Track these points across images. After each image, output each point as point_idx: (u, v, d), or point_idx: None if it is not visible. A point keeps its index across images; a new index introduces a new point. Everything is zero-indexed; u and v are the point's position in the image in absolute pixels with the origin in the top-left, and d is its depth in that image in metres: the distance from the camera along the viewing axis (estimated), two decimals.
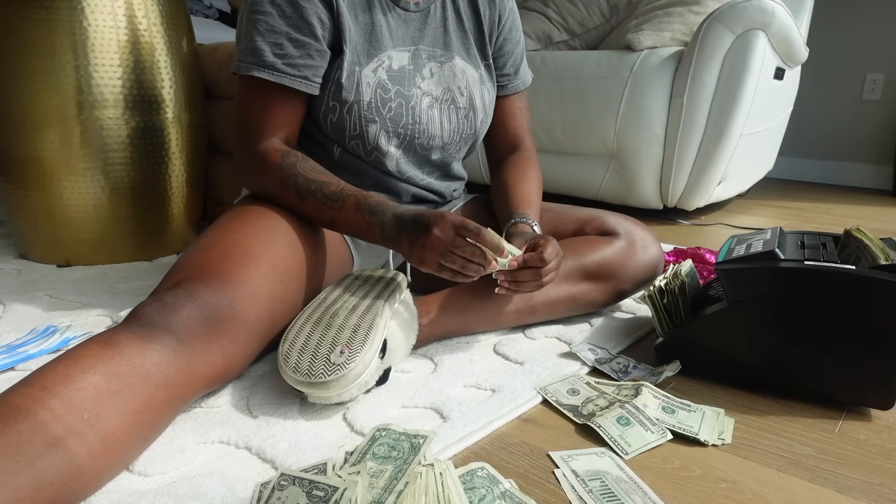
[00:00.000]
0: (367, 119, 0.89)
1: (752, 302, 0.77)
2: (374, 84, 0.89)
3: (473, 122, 0.99)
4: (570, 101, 2.00)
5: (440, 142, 0.97)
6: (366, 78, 0.88)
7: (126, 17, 1.25)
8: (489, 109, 1.02)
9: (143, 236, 1.37)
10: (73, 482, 0.53)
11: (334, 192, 0.82)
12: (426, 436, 0.63)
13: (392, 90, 0.90)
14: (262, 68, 0.83)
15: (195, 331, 0.66)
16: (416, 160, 0.98)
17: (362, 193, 0.82)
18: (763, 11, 1.73)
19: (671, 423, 0.71)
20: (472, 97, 0.98)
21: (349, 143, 0.92)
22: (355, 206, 0.81)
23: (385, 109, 0.90)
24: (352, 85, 0.87)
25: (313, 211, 0.83)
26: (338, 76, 0.87)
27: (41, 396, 0.54)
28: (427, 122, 0.94)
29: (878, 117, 2.90)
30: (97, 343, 0.61)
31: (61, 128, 1.23)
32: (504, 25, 1.02)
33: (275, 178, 0.84)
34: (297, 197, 0.83)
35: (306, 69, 0.85)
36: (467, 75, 0.98)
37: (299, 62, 0.84)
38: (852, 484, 0.62)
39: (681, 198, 1.93)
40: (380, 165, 0.94)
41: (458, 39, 0.98)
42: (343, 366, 0.69)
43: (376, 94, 0.89)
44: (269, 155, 0.84)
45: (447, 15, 0.97)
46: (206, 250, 0.75)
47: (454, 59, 0.97)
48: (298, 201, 0.83)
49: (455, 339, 0.94)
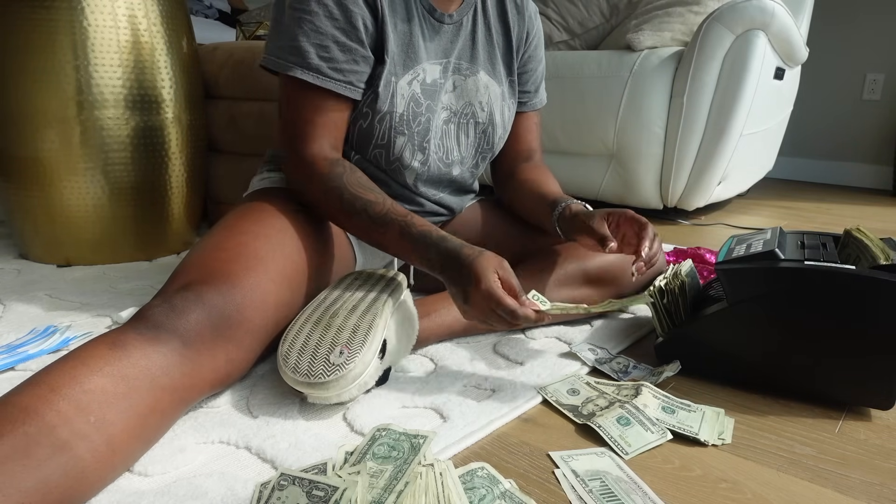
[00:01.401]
0: (397, 131, 0.88)
1: (753, 302, 0.77)
2: (409, 97, 0.88)
3: (492, 137, 0.99)
4: (570, 101, 2.00)
5: (458, 156, 0.96)
6: (401, 90, 0.87)
7: (126, 17, 1.25)
8: (508, 126, 1.01)
9: (143, 236, 1.37)
10: (77, 485, 0.53)
11: (379, 215, 0.80)
12: (426, 436, 0.63)
13: (424, 104, 0.89)
14: (306, 70, 0.80)
15: (202, 335, 0.66)
16: (435, 177, 0.97)
17: (405, 219, 0.80)
18: (763, 11, 1.73)
19: (671, 423, 0.71)
20: (492, 112, 0.97)
21: (371, 152, 0.91)
22: (400, 234, 0.79)
23: (415, 123, 0.89)
24: (387, 95, 0.86)
25: (359, 231, 0.82)
26: (376, 84, 0.85)
27: (49, 398, 0.54)
28: (442, 138, 0.94)
29: (878, 117, 2.90)
30: (104, 344, 0.60)
31: (61, 128, 1.23)
32: (531, 43, 1.02)
33: (319, 187, 0.82)
34: (343, 213, 0.81)
35: (351, 74, 0.83)
36: (490, 91, 0.96)
37: (345, 67, 0.82)
38: (852, 484, 0.62)
39: (681, 198, 1.93)
40: (397, 177, 0.94)
41: (486, 53, 0.96)
42: (342, 366, 0.69)
43: (409, 107, 0.88)
44: (316, 163, 0.82)
45: (477, 28, 0.95)
46: (215, 250, 0.75)
47: (479, 74, 0.95)
48: (344, 218, 0.82)
49: (455, 339, 0.94)
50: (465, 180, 1.02)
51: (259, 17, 1.97)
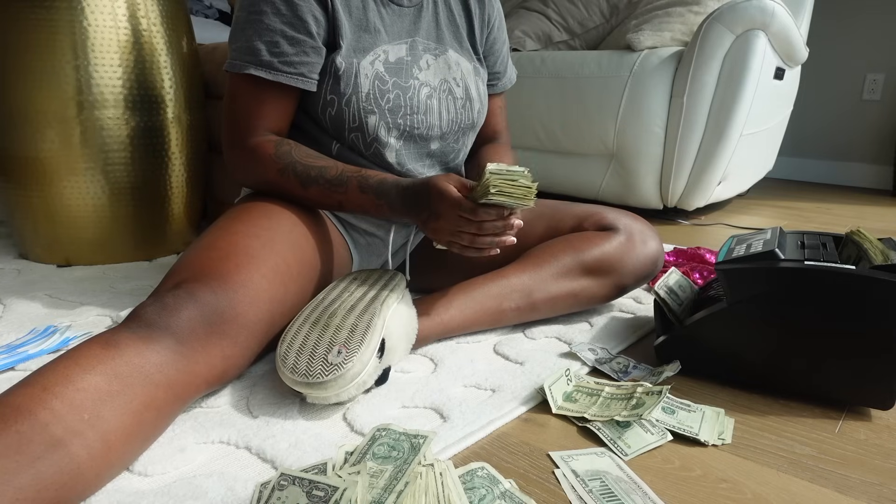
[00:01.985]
0: (366, 110, 0.89)
1: (752, 302, 0.77)
2: (372, 76, 0.89)
3: (471, 111, 1.00)
4: (570, 101, 2.00)
5: (438, 131, 0.98)
6: (364, 69, 0.89)
7: (126, 17, 1.25)
8: (484, 100, 1.04)
9: (143, 236, 1.37)
10: (73, 483, 0.53)
11: (335, 177, 0.84)
12: (426, 436, 0.63)
13: (389, 81, 0.91)
14: (259, 67, 0.84)
15: (195, 332, 0.66)
16: (416, 151, 0.98)
17: (361, 174, 0.85)
18: (763, 11, 1.73)
19: (671, 423, 0.71)
20: (467, 87, 0.99)
21: (349, 137, 0.92)
22: (359, 188, 0.84)
23: (383, 101, 0.90)
24: (350, 77, 0.88)
25: (318, 197, 0.85)
26: (334, 70, 0.87)
27: (42, 397, 0.54)
28: (426, 112, 0.95)
29: (878, 117, 2.90)
30: (97, 343, 0.61)
31: (61, 128, 1.23)
32: (493, 24, 1.05)
33: (273, 167, 0.85)
34: (300, 185, 0.85)
35: (301, 66, 0.85)
36: (461, 67, 0.99)
37: (294, 59, 0.85)
38: (852, 484, 0.62)
39: (681, 198, 1.93)
40: (379, 159, 0.94)
41: (451, 33, 1.00)
42: (340, 366, 0.69)
43: (374, 86, 0.89)
44: (261, 146, 0.86)
45: (438, 10, 0.99)
46: (207, 250, 0.75)
47: (448, 52, 0.98)
48: (301, 189, 0.85)
49: (455, 338, 0.94)
50: (447, 154, 1.03)
51: None
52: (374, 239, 1.00)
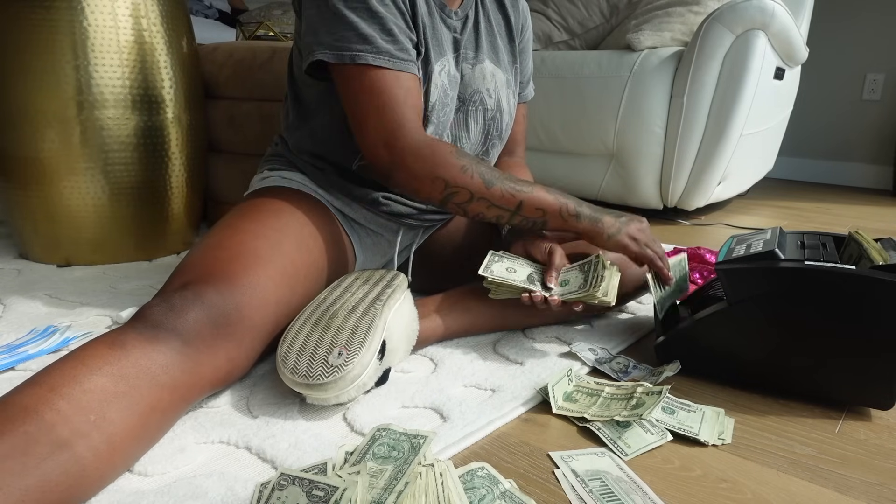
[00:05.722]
0: (429, 120, 0.87)
1: (753, 302, 0.77)
2: (440, 87, 0.88)
3: (500, 124, 0.99)
4: (570, 101, 2.00)
5: (468, 145, 0.97)
6: (435, 79, 0.87)
7: (126, 17, 1.25)
8: (514, 113, 1.03)
9: (143, 236, 1.37)
10: (77, 484, 0.53)
11: (520, 180, 0.84)
12: (426, 436, 0.63)
13: (449, 95, 0.90)
14: (378, 55, 0.78)
15: (201, 334, 0.66)
16: None
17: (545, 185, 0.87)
18: (763, 11, 1.73)
19: (671, 423, 0.71)
20: (499, 99, 0.98)
21: None
22: (544, 188, 0.84)
23: (442, 113, 0.89)
24: (425, 84, 0.86)
25: (499, 196, 0.82)
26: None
27: (49, 397, 0.54)
28: (452, 127, 0.94)
29: (878, 117, 2.90)
30: (104, 343, 0.60)
31: (61, 128, 1.23)
32: (525, 34, 1.05)
33: (455, 164, 0.80)
34: (484, 185, 0.81)
35: (412, 52, 0.82)
36: (496, 78, 0.97)
37: (408, 46, 0.81)
38: (852, 484, 0.62)
39: (681, 198, 1.93)
40: None
41: (489, 43, 0.98)
42: (341, 367, 0.69)
43: (440, 97, 0.88)
44: (436, 141, 0.81)
45: (479, 20, 0.96)
46: (215, 250, 0.75)
47: (484, 62, 0.96)
48: (485, 188, 0.81)
49: (455, 339, 0.94)
50: None
51: (259, 17, 1.96)
52: (380, 239, 0.99)
